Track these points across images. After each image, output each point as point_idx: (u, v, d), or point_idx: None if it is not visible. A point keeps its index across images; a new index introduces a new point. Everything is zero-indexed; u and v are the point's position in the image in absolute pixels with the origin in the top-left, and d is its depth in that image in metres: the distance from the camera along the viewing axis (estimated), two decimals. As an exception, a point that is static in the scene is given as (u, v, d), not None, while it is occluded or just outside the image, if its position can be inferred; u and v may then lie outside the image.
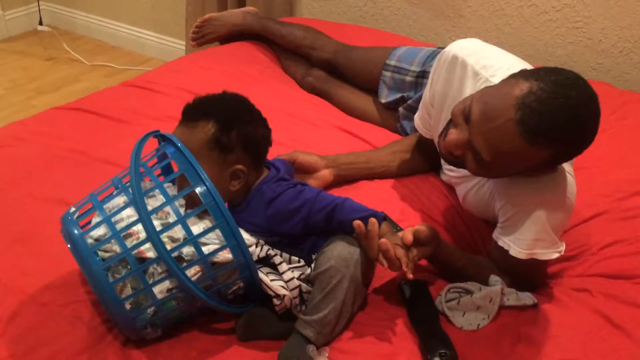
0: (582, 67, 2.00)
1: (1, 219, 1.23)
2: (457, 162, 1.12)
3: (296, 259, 1.05)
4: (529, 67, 1.20)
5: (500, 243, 1.16)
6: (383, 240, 1.00)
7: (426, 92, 1.34)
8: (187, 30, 2.57)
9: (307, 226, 1.05)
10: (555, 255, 1.14)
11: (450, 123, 1.12)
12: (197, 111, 1.05)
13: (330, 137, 1.60)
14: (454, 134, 1.08)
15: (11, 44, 3.19)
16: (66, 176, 1.36)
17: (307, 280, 1.05)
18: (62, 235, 0.97)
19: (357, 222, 1.00)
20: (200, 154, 0.96)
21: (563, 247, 1.16)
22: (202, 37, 2.11)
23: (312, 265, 1.05)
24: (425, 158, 1.48)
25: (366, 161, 1.45)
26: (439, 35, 2.24)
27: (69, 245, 0.95)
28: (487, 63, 1.21)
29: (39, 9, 3.24)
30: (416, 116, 1.42)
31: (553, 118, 0.97)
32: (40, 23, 3.23)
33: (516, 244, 1.13)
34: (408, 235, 1.03)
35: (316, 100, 1.80)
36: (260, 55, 2.01)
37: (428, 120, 1.36)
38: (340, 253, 1.01)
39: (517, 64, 1.21)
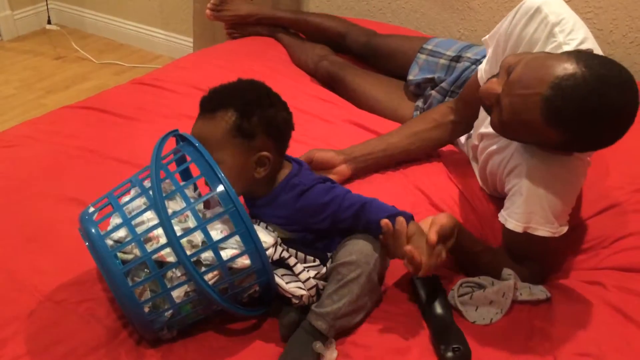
0: (593, 59, 1.98)
1: (15, 218, 1.24)
2: (488, 111, 1.13)
3: (311, 258, 1.05)
4: (597, 47, 1.17)
5: (500, 219, 1.19)
6: (408, 247, 0.99)
7: (501, 38, 1.28)
8: (194, 27, 2.57)
9: (334, 222, 1.04)
10: (549, 234, 1.14)
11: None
12: (214, 101, 1.03)
13: (342, 131, 1.60)
14: (492, 83, 1.09)
15: (20, 43, 3.20)
16: (78, 175, 1.37)
17: (324, 278, 1.05)
18: (81, 234, 0.97)
19: (385, 221, 1.00)
20: (223, 143, 0.95)
21: (561, 230, 1.15)
22: (220, 11, 2.11)
23: (328, 263, 1.05)
24: (459, 124, 1.46)
25: (384, 149, 1.44)
26: (448, 28, 2.23)
27: (87, 244, 0.95)
28: (566, 27, 1.16)
29: (47, 8, 3.25)
30: (484, 66, 1.35)
31: (578, 109, 0.96)
32: (49, 22, 3.24)
33: (512, 217, 1.15)
34: (432, 236, 1.02)
35: (326, 95, 1.80)
36: (270, 51, 2.01)
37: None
38: (362, 249, 1.02)
39: (589, 40, 1.18)
